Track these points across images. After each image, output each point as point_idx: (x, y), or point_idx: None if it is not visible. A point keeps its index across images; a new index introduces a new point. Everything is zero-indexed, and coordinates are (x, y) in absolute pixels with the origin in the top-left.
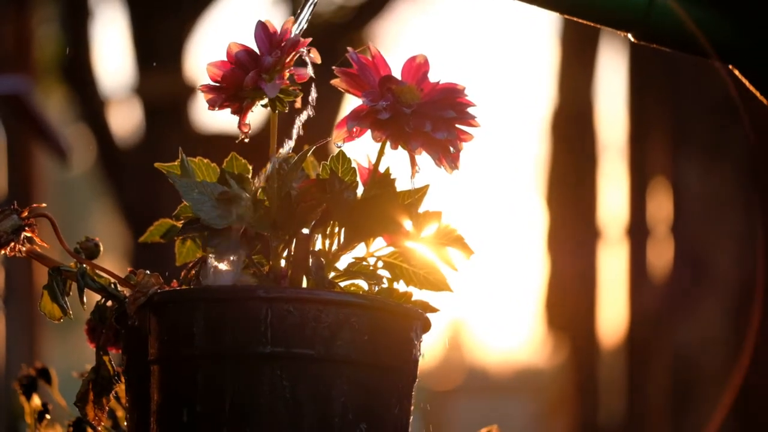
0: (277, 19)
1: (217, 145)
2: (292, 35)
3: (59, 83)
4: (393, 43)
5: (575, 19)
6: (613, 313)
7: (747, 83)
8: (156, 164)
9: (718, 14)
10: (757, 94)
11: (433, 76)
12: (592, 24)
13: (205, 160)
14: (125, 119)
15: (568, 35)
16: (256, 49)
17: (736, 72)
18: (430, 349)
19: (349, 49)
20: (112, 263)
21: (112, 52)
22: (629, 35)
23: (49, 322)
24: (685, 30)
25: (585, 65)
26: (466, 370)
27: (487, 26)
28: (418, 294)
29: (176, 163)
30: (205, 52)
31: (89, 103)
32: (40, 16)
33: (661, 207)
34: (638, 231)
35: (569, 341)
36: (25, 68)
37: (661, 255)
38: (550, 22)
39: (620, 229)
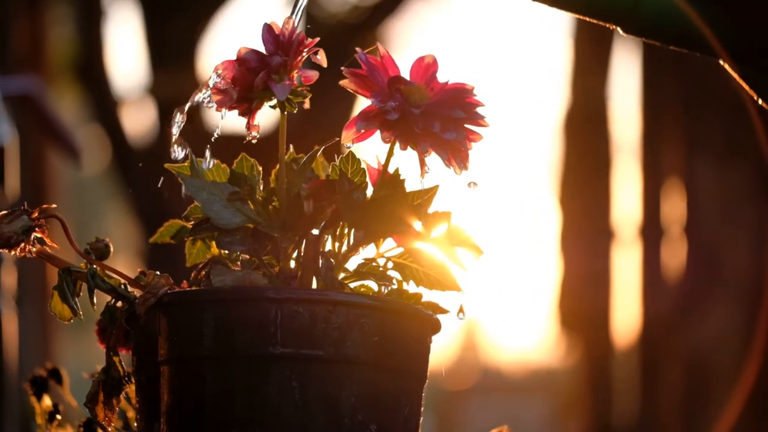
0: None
1: (231, 145)
2: (296, 34)
3: (73, 83)
4: (407, 42)
5: (563, 11)
6: (626, 314)
7: (738, 79)
8: (166, 165)
9: (711, 9)
10: (747, 89)
11: (443, 76)
12: (581, 17)
13: (216, 161)
14: (138, 119)
15: (582, 35)
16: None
17: (727, 67)
18: (445, 349)
19: (358, 49)
20: (125, 263)
21: (126, 52)
22: (618, 28)
23: (64, 322)
24: (674, 24)
25: (599, 65)
26: (480, 370)
27: (501, 25)
28: (429, 295)
29: (186, 164)
30: (218, 51)
31: (103, 103)
32: (54, 17)
33: (675, 207)
34: (652, 231)
35: (582, 342)
36: (39, 68)
37: (675, 255)
38: (563, 21)
39: (634, 229)
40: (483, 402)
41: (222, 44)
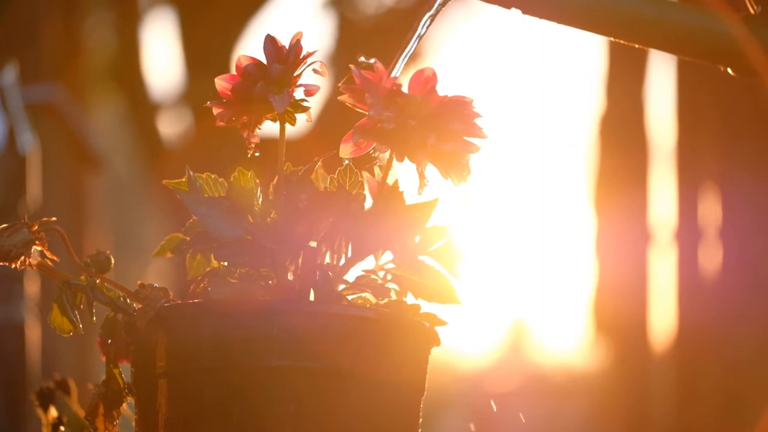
0: (324, 25)
1: (267, 150)
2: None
3: (108, 89)
4: (443, 45)
5: (670, 53)
6: (663, 318)
7: None
8: (164, 182)
9: None
10: None
11: (442, 89)
12: (687, 58)
13: (213, 176)
14: (175, 125)
15: None
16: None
17: None
18: (489, 351)
19: (351, 66)
20: (159, 271)
21: (162, 57)
22: (728, 69)
23: (89, 331)
24: None
25: (635, 68)
26: (523, 372)
27: (537, 28)
28: (427, 306)
29: (183, 180)
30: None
31: (138, 108)
32: (88, 22)
33: (711, 211)
34: (688, 235)
35: (619, 346)
36: (72, 75)
37: (712, 259)
38: None
39: (670, 233)
40: (524, 404)
41: (257, 49)
